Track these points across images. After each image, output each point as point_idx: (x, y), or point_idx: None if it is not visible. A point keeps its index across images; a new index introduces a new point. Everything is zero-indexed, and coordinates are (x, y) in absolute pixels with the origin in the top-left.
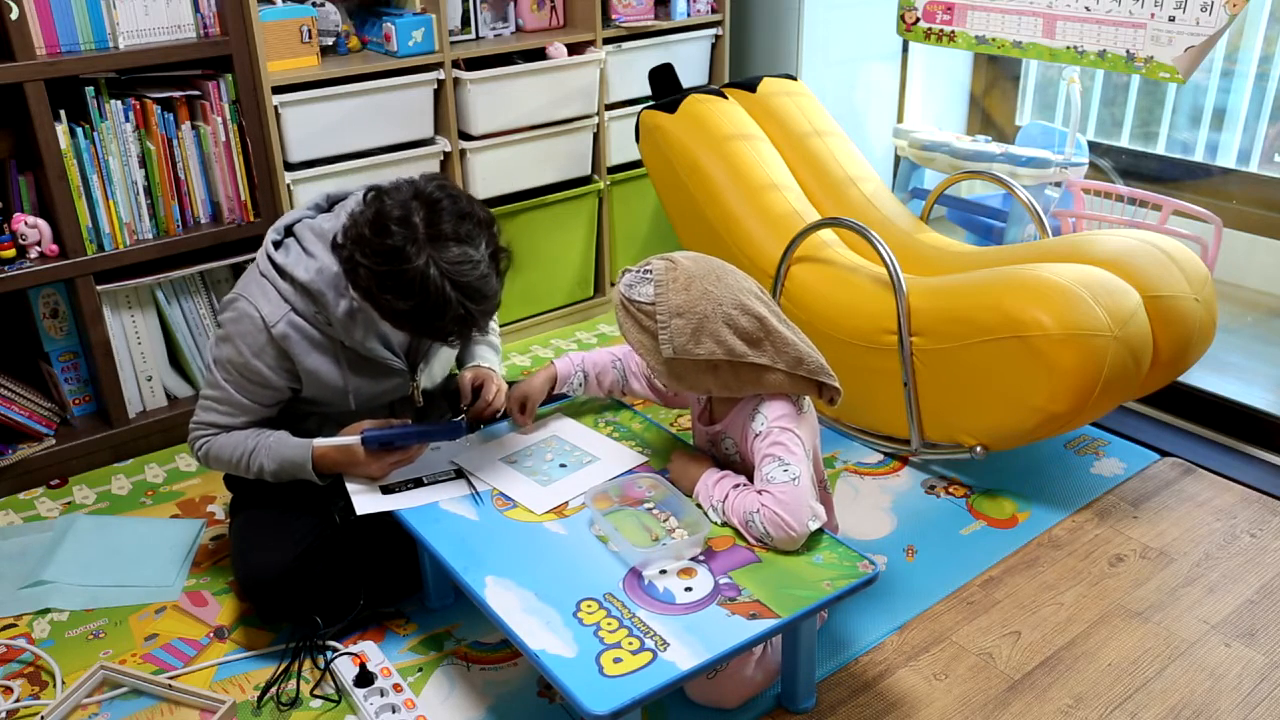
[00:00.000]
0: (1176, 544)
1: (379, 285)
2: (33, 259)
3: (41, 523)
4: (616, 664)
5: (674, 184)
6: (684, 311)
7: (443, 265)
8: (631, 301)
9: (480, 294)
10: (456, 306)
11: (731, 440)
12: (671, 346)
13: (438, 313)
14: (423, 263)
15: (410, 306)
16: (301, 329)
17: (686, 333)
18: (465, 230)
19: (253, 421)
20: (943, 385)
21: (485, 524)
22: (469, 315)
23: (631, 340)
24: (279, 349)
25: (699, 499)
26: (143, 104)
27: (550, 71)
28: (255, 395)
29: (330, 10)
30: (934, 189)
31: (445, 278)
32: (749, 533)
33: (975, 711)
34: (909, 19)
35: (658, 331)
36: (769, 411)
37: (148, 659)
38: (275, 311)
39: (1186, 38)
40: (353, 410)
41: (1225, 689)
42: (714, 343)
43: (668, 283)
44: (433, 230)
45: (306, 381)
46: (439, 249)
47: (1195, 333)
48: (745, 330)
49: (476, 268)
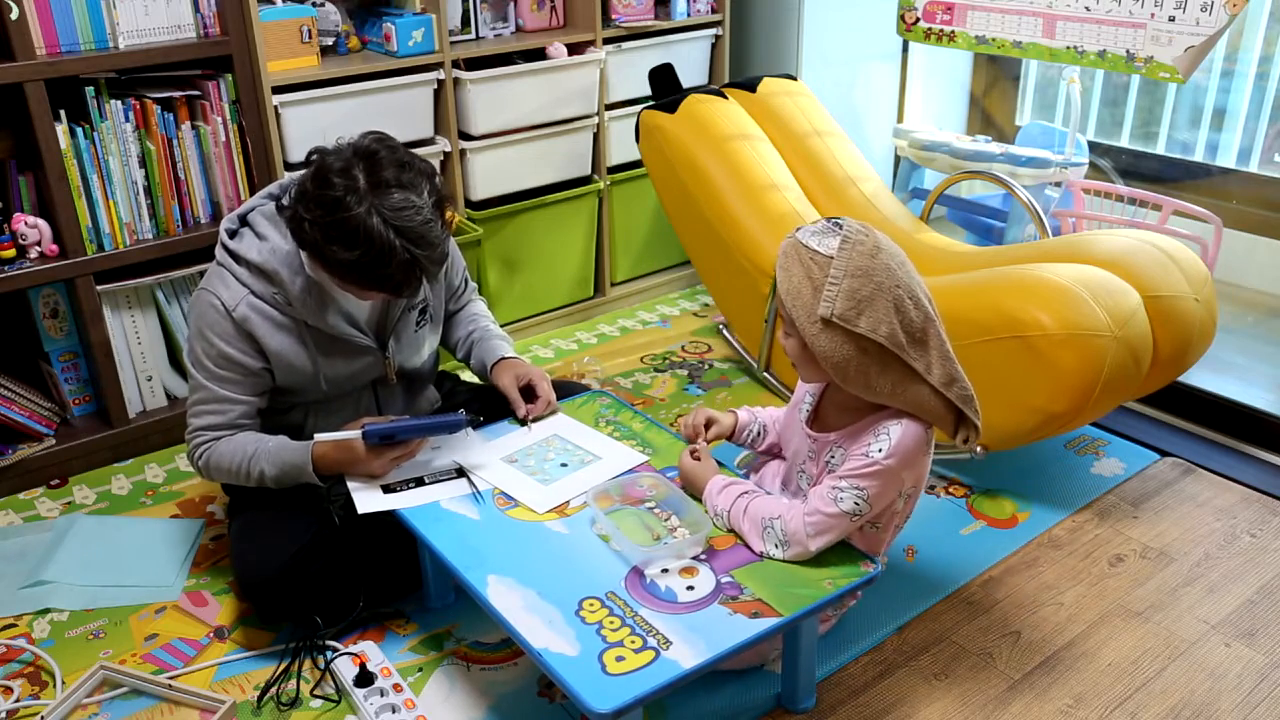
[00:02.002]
0: (1176, 544)
1: (324, 237)
2: (33, 259)
3: (41, 523)
4: (619, 662)
5: (674, 184)
6: (861, 274)
7: (384, 212)
8: (807, 247)
9: (424, 239)
10: (401, 252)
11: (844, 452)
12: (832, 307)
13: (383, 259)
14: (364, 209)
15: (356, 256)
16: (261, 310)
17: (856, 298)
18: (406, 178)
19: (245, 415)
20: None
21: (487, 523)
22: (415, 261)
23: (789, 288)
24: (244, 332)
25: (705, 503)
26: (143, 104)
27: (550, 71)
28: (238, 386)
29: (330, 10)
30: (934, 189)
31: (388, 224)
32: (762, 540)
33: (975, 711)
34: (909, 19)
35: (825, 286)
36: (898, 439)
37: (148, 659)
38: (234, 296)
39: (1186, 38)
40: (328, 396)
41: (1225, 689)
42: (877, 320)
43: (855, 242)
44: (373, 179)
45: (275, 365)
46: (380, 196)
47: (1195, 333)
48: (911, 322)
49: (420, 212)
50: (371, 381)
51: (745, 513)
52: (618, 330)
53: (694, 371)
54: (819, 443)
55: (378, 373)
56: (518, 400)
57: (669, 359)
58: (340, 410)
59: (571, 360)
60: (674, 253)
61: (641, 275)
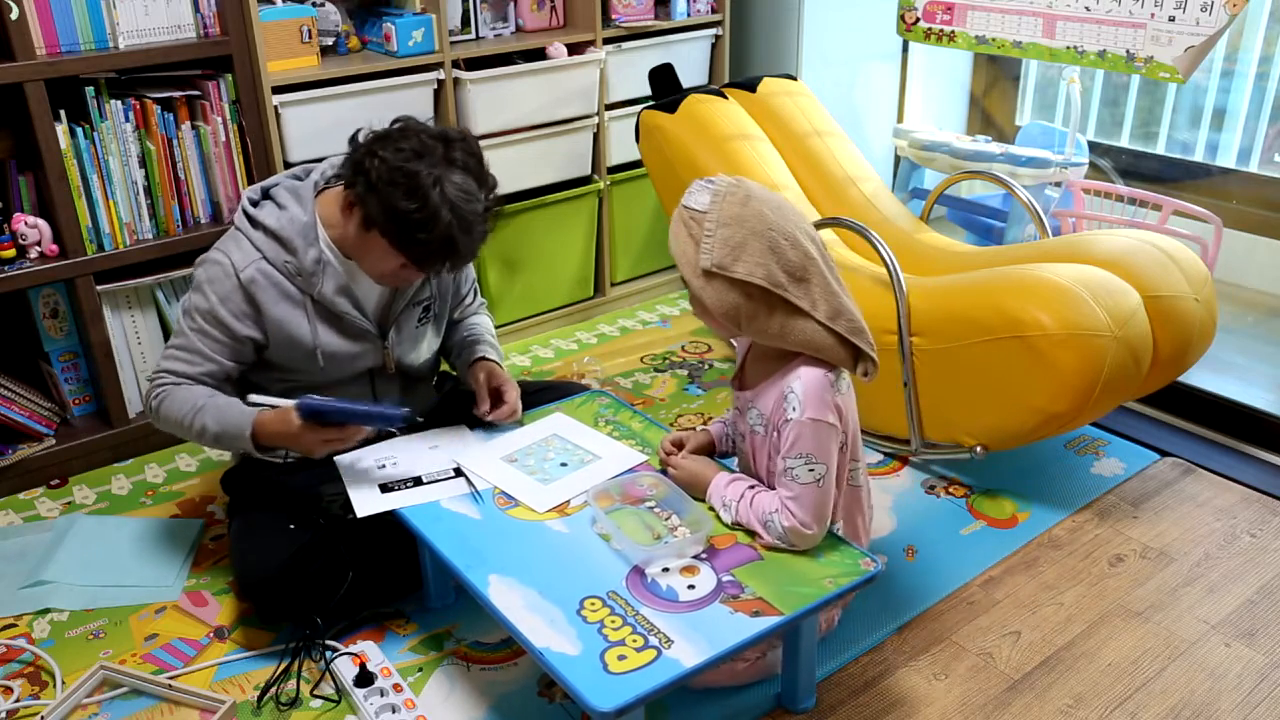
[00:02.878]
0: (1176, 544)
1: (388, 177)
2: (33, 259)
3: (41, 523)
4: (621, 661)
5: (674, 184)
6: (732, 223)
7: (449, 186)
8: (686, 208)
9: (471, 228)
10: (446, 226)
11: (758, 412)
12: (711, 258)
13: (429, 224)
14: (436, 174)
15: (410, 208)
16: (270, 276)
17: (729, 245)
18: (476, 170)
19: (212, 373)
20: (943, 385)
21: (487, 523)
22: (453, 241)
23: (675, 250)
24: (246, 295)
25: (711, 501)
26: (143, 104)
27: (550, 71)
28: (217, 346)
29: (330, 10)
30: (934, 189)
31: (447, 197)
32: (767, 533)
33: (975, 711)
34: (909, 19)
35: (702, 239)
36: (803, 394)
37: (148, 659)
38: (245, 258)
39: (1186, 38)
40: (325, 380)
41: (1225, 689)
42: (753, 264)
43: (725, 194)
44: (450, 157)
45: (273, 334)
46: (450, 172)
47: (1195, 333)
48: (790, 262)
49: (477, 202)
50: (369, 372)
51: (751, 506)
52: (618, 330)
53: (694, 371)
54: (741, 400)
55: (375, 361)
56: (483, 395)
57: (669, 359)
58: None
59: (571, 360)
60: None
61: (641, 275)
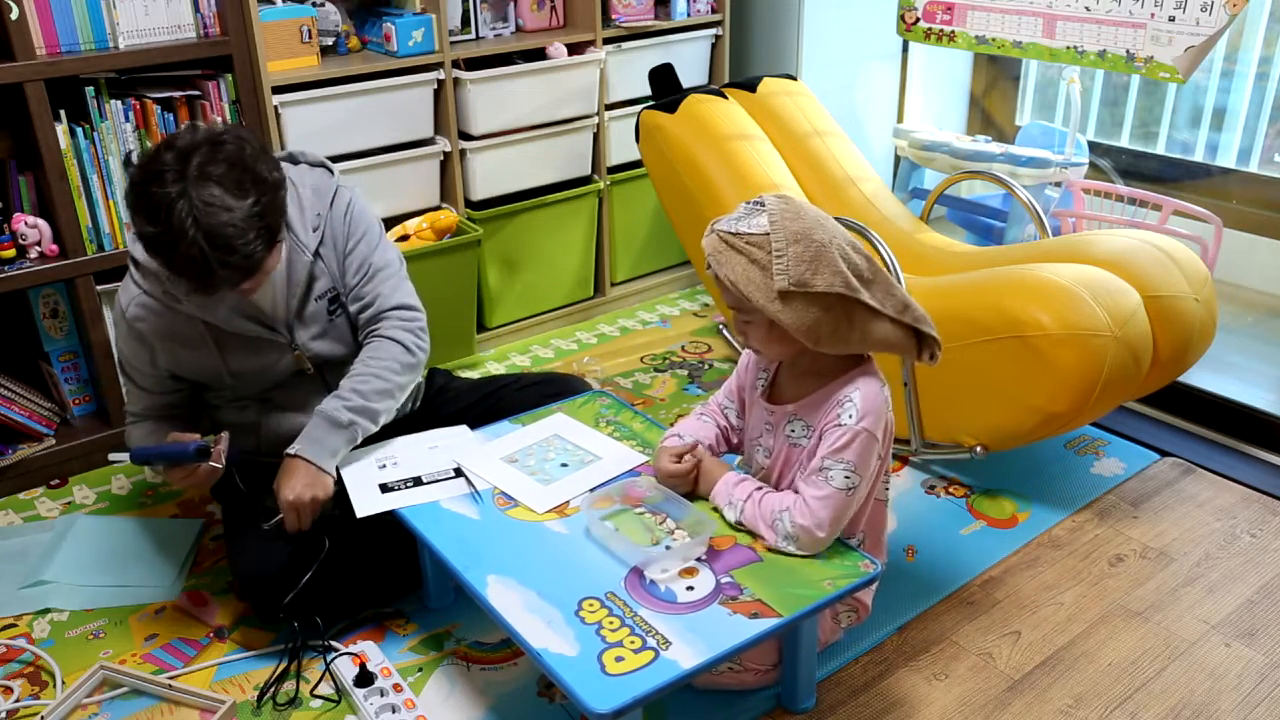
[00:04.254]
0: (1176, 544)
1: (133, 203)
2: (33, 259)
3: (41, 523)
4: (619, 663)
5: (674, 184)
6: (801, 238)
7: (194, 201)
8: (739, 234)
9: (223, 241)
10: (192, 245)
11: (803, 424)
12: (788, 277)
13: (172, 244)
14: (175, 191)
15: (151, 231)
16: (152, 309)
17: (805, 259)
18: (236, 178)
19: (156, 405)
20: (943, 385)
21: (487, 523)
22: (204, 258)
23: (737, 277)
24: (135, 332)
25: (716, 500)
26: (143, 104)
27: (550, 71)
28: (143, 378)
29: (330, 10)
30: (934, 189)
31: (191, 214)
32: (774, 533)
33: (975, 711)
34: (909, 19)
35: (773, 261)
36: (862, 404)
37: (148, 659)
38: (127, 296)
39: (1186, 38)
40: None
41: (1225, 689)
42: (831, 273)
43: (781, 212)
44: (203, 168)
45: (175, 363)
46: (198, 186)
47: (1195, 333)
48: (858, 266)
49: (229, 214)
50: (290, 376)
51: (759, 506)
52: (618, 330)
53: (694, 371)
54: (777, 414)
55: (290, 364)
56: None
57: (669, 359)
58: (290, 407)
59: (571, 360)
60: (674, 253)
61: (641, 275)
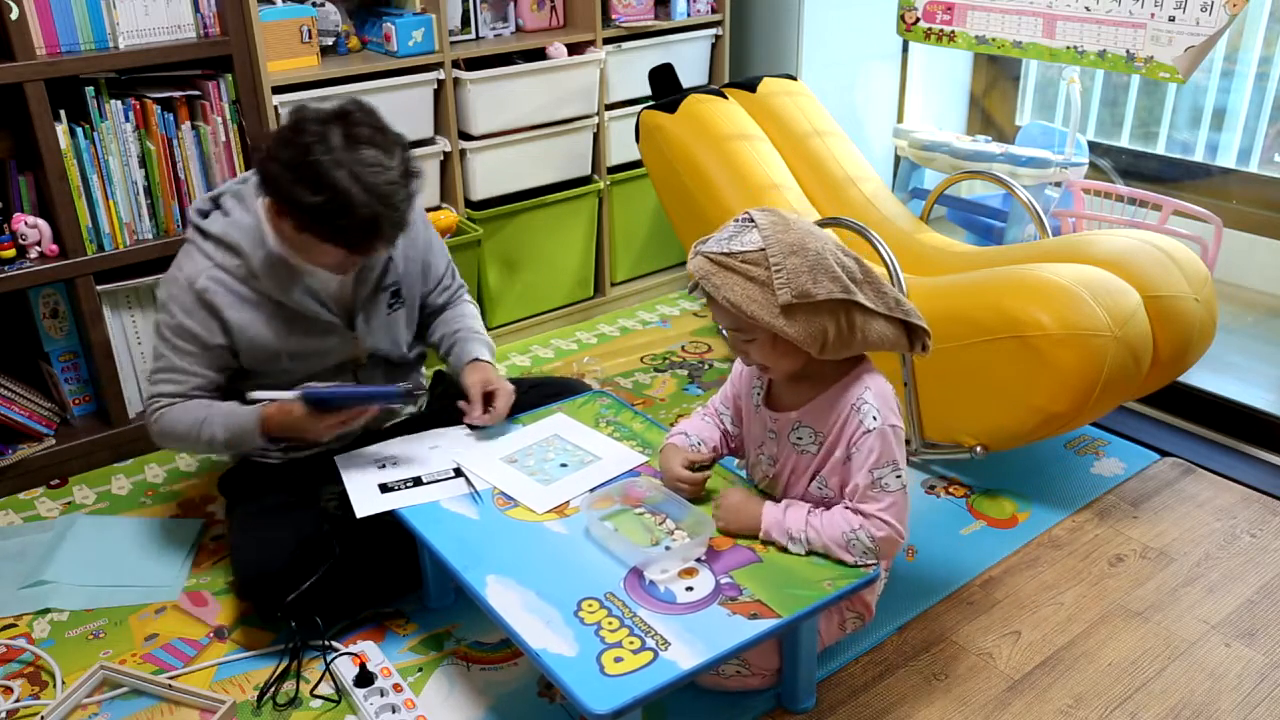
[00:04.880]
0: (1176, 544)
1: (292, 178)
2: (33, 259)
3: (41, 523)
4: (617, 663)
5: (674, 184)
6: (797, 249)
7: (353, 165)
8: (731, 254)
9: (388, 198)
10: (362, 206)
11: (810, 430)
12: (790, 289)
13: (345, 209)
14: (334, 158)
15: (320, 201)
16: (224, 283)
17: (804, 270)
18: (380, 139)
19: (201, 387)
20: (943, 385)
21: (486, 523)
22: (376, 218)
23: (738, 298)
24: (206, 304)
25: (769, 536)
26: (143, 104)
27: (550, 71)
28: (193, 359)
29: (330, 10)
30: (934, 189)
31: (355, 177)
32: (850, 553)
33: (975, 711)
34: (909, 19)
35: (772, 277)
36: (876, 402)
37: (148, 659)
38: (196, 269)
39: (1186, 38)
40: (297, 378)
41: (1225, 689)
42: (830, 280)
43: (770, 226)
44: (349, 135)
45: (238, 339)
46: (351, 150)
47: (1195, 333)
48: (850, 268)
49: (387, 171)
50: (347, 365)
51: (821, 534)
52: (618, 330)
53: (694, 371)
54: (780, 422)
55: (347, 353)
56: (476, 401)
57: (669, 359)
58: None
59: (571, 360)
60: (674, 253)
61: (641, 275)
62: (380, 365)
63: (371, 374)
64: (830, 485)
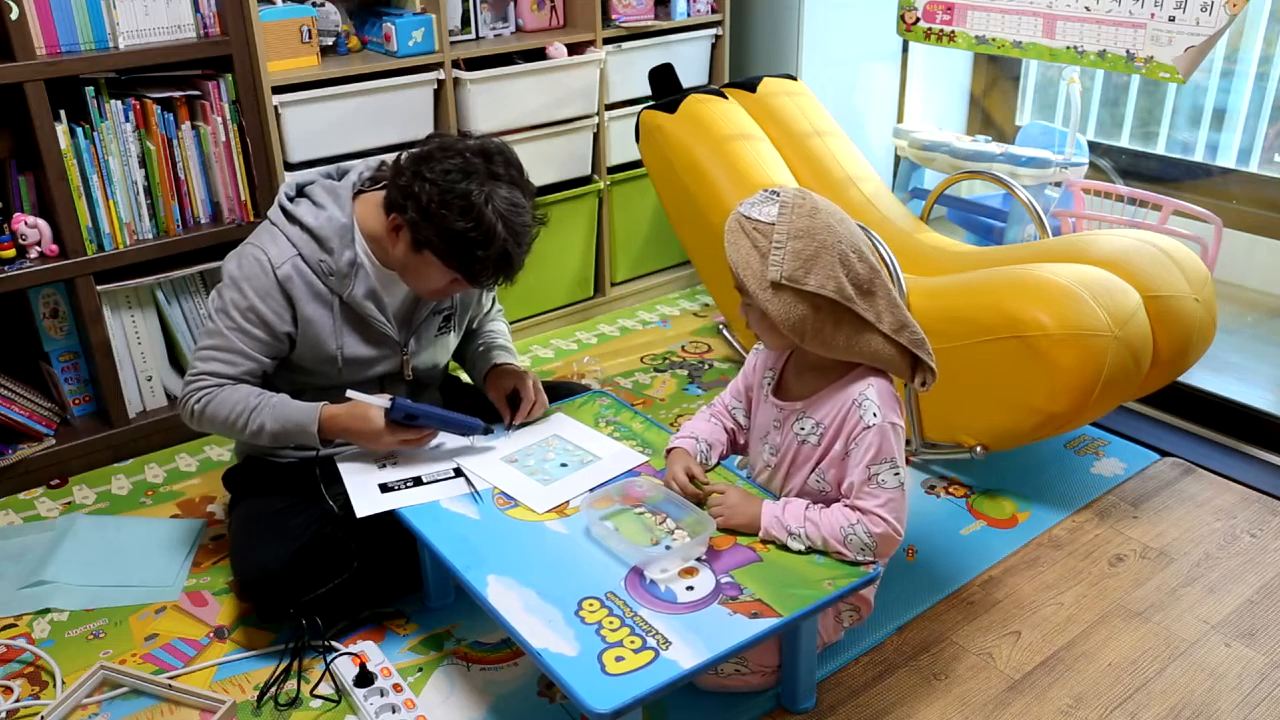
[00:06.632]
0: (1176, 544)
1: (440, 201)
2: (33, 259)
3: (41, 523)
4: (618, 662)
5: (674, 184)
6: (803, 235)
7: (498, 201)
8: (749, 219)
9: (522, 239)
10: (501, 241)
11: (814, 423)
12: (780, 270)
13: (486, 240)
14: (486, 191)
15: (465, 228)
16: (304, 274)
17: (801, 258)
18: (519, 181)
19: (251, 373)
20: (943, 385)
21: (487, 523)
22: (508, 255)
23: (738, 260)
24: (283, 291)
25: (769, 533)
26: (143, 104)
27: (550, 71)
28: (255, 343)
29: (330, 10)
30: (934, 189)
31: (501, 215)
32: (848, 548)
33: (975, 711)
34: (909, 19)
35: (770, 252)
36: (877, 399)
37: (148, 659)
38: (281, 253)
39: (1186, 38)
40: (339, 381)
41: (1225, 689)
42: (825, 277)
43: (793, 206)
44: (492, 172)
45: (302, 333)
46: (496, 187)
47: (1195, 333)
48: (858, 275)
49: (524, 213)
50: (382, 378)
51: (820, 529)
52: (618, 330)
53: (694, 371)
54: (785, 411)
55: (393, 366)
56: (503, 409)
57: (669, 359)
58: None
59: (571, 360)
60: (674, 253)
61: (641, 275)
62: (413, 382)
63: (397, 390)
64: (828, 479)
